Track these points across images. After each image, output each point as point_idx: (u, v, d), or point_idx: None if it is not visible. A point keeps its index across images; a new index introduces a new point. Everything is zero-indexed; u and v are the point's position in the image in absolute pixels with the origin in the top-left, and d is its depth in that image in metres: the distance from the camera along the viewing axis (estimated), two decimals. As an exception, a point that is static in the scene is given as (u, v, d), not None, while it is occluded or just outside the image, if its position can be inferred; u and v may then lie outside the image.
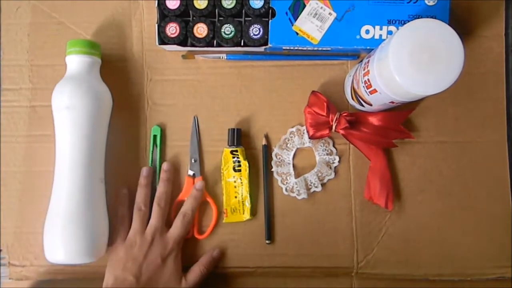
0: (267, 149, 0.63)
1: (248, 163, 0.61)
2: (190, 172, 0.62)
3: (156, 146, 0.63)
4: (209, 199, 0.62)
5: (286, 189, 0.62)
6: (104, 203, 0.59)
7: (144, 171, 0.61)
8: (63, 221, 0.55)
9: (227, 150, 0.61)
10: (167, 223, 0.61)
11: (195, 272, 0.59)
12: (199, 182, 0.62)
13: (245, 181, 0.61)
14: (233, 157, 0.61)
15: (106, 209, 0.60)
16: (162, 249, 0.58)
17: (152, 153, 0.63)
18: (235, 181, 0.61)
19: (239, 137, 0.62)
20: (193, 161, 0.63)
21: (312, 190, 0.62)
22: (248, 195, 0.61)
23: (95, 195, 0.58)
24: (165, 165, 0.61)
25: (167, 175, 0.61)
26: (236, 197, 0.61)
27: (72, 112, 0.56)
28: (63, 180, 0.57)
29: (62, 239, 0.55)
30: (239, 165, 0.61)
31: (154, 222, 0.59)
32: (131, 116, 0.63)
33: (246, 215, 0.61)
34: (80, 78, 0.58)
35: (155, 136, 0.63)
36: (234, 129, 0.61)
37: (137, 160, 0.63)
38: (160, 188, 0.61)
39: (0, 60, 0.64)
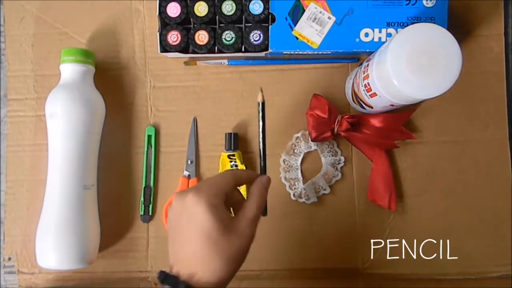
0: (263, 106, 0.49)
1: (246, 168, 0.61)
2: (186, 173, 0.63)
3: (151, 146, 0.63)
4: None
5: (294, 195, 0.62)
6: (95, 209, 0.60)
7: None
8: (54, 227, 0.57)
9: (224, 154, 0.61)
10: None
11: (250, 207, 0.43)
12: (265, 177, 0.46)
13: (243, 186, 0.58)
14: (230, 161, 0.61)
15: (97, 215, 0.61)
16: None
17: (146, 154, 0.63)
18: None
19: (236, 141, 0.62)
20: (189, 162, 0.63)
21: (321, 193, 0.62)
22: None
23: (86, 201, 0.59)
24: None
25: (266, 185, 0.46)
26: None
27: (63, 120, 0.57)
28: (54, 187, 0.58)
29: (53, 246, 0.56)
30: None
31: None
32: (135, 123, 0.64)
33: None
34: (73, 86, 0.59)
35: (149, 136, 0.63)
36: (231, 133, 0.62)
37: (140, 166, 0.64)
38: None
39: (5, 70, 0.65)
